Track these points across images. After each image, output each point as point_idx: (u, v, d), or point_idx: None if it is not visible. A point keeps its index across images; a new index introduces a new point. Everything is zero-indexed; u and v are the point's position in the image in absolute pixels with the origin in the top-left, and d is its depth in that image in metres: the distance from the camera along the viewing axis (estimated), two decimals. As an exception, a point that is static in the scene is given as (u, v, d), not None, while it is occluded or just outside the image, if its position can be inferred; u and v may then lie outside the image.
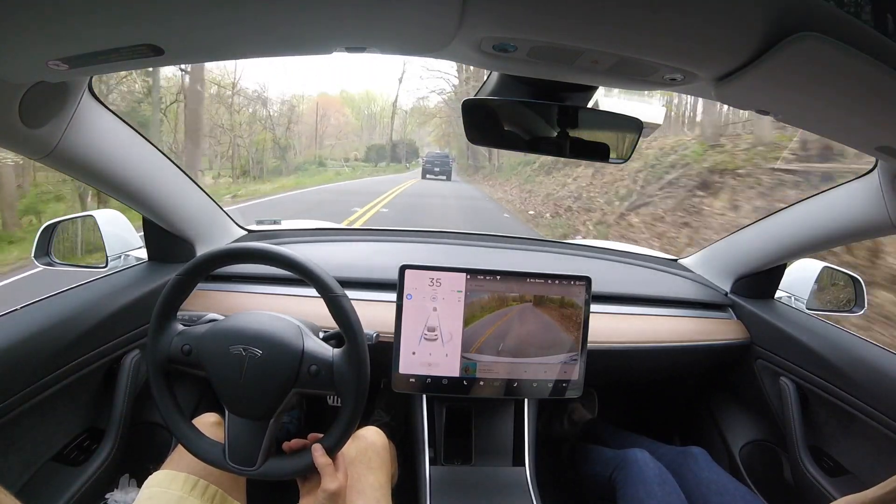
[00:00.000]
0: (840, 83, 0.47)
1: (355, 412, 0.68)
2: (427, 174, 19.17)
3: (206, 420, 0.81)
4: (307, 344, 0.69)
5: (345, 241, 1.38)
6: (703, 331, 1.16)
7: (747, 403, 1.22)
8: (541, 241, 1.58)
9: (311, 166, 24.68)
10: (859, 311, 1.17)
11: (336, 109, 35.10)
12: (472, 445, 1.01)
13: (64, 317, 0.79)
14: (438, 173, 19.06)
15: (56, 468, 0.80)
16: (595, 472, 1.06)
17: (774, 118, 0.60)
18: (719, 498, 0.92)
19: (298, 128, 26.88)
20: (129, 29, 0.43)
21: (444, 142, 33.62)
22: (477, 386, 0.93)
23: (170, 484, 0.69)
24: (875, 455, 0.91)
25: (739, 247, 1.21)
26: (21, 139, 0.63)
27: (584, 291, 0.94)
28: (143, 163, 0.86)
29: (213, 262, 0.72)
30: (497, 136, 0.79)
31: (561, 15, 0.42)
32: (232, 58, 0.55)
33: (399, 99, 40.13)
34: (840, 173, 4.21)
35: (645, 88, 0.60)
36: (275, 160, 20.89)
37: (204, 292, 1.05)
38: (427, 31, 0.48)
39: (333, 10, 0.42)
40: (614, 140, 0.78)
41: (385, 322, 0.93)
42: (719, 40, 0.44)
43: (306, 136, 28.66)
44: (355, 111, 38.58)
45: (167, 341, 0.69)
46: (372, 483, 0.78)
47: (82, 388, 0.85)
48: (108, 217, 1.04)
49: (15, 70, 0.52)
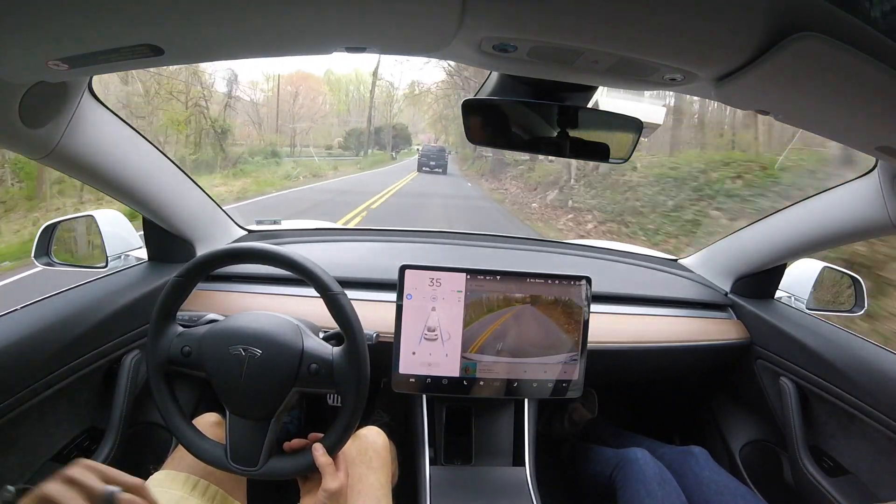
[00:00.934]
0: (840, 83, 0.47)
1: (356, 411, 0.68)
2: (423, 167, 19.01)
3: (206, 420, 0.81)
4: (307, 343, 0.69)
5: (345, 241, 1.38)
6: (703, 331, 1.16)
7: (747, 403, 1.22)
8: (541, 241, 1.58)
9: (259, 159, 17.13)
10: (859, 311, 1.17)
11: (312, 87, 28.97)
12: (472, 445, 1.01)
13: (64, 317, 0.79)
14: (434, 167, 18.92)
15: (56, 468, 0.80)
16: (595, 471, 1.06)
17: (774, 118, 0.60)
18: (720, 498, 0.92)
19: (265, 110, 23.22)
20: (129, 29, 0.43)
21: (440, 126, 29.97)
22: (477, 386, 0.93)
23: (171, 484, 0.69)
24: (875, 455, 0.91)
25: (739, 247, 1.21)
26: (21, 139, 0.63)
27: (584, 291, 0.94)
28: (143, 163, 0.86)
29: (212, 263, 0.72)
30: (497, 136, 0.79)
31: (561, 15, 0.42)
32: (232, 58, 0.55)
33: (388, 73, 32.43)
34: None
35: (645, 88, 0.60)
36: (213, 150, 15.12)
37: (204, 292, 1.05)
38: (427, 31, 0.48)
39: (333, 10, 0.42)
40: (614, 140, 0.78)
41: (385, 322, 0.93)
42: (719, 40, 0.44)
43: (271, 120, 23.75)
44: (334, 90, 31.61)
45: (167, 343, 0.69)
46: (373, 483, 0.78)
47: (82, 388, 0.85)
48: (108, 217, 1.04)
49: (15, 70, 0.52)
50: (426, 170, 18.79)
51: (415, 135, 34.63)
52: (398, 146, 31.84)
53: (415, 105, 32.67)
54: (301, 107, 26.88)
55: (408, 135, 33.63)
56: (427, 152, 19.98)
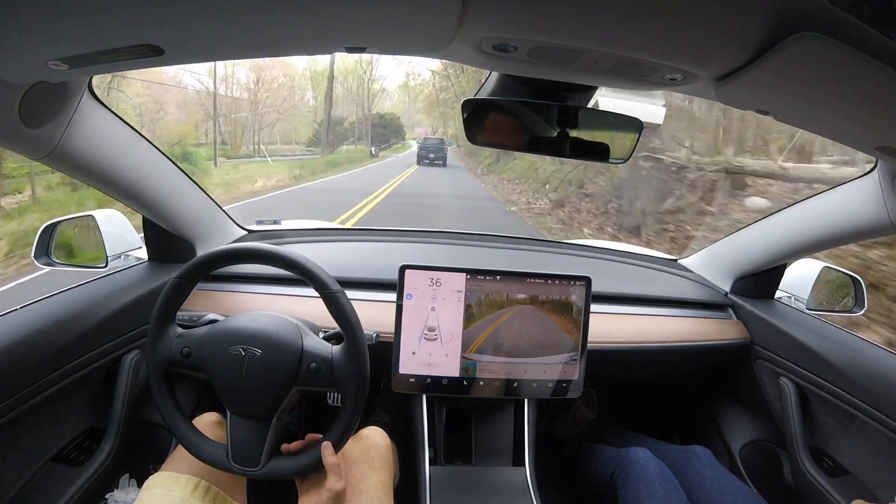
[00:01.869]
0: (840, 83, 0.47)
1: (357, 408, 0.68)
2: (423, 160, 18.83)
3: (205, 420, 0.81)
4: (306, 341, 0.69)
5: (345, 241, 1.38)
6: (703, 331, 1.16)
7: (747, 403, 1.22)
8: (541, 241, 1.58)
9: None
10: (859, 311, 1.17)
11: (283, 71, 23.06)
12: (472, 445, 1.01)
13: (64, 317, 0.79)
14: (434, 159, 18.79)
15: (56, 468, 0.80)
16: (597, 470, 1.06)
17: (774, 118, 0.60)
18: (721, 497, 0.92)
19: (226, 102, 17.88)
20: (129, 29, 0.43)
21: (436, 114, 26.35)
22: (477, 386, 0.93)
23: (172, 485, 0.69)
24: (875, 455, 0.91)
25: (739, 247, 1.21)
26: (21, 139, 0.63)
27: (584, 291, 0.94)
28: (143, 163, 0.86)
29: (210, 264, 0.72)
30: (497, 136, 0.79)
31: (561, 15, 0.42)
32: (232, 58, 0.55)
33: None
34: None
35: (645, 88, 0.60)
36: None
37: (204, 292, 1.05)
38: (427, 31, 0.48)
39: (333, 10, 0.42)
40: (614, 140, 0.78)
41: (385, 322, 0.93)
42: (719, 40, 0.44)
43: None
44: (315, 78, 24.99)
45: (167, 345, 0.69)
46: (374, 483, 0.78)
47: (82, 388, 0.85)
48: (108, 217, 1.04)
49: (15, 70, 0.52)
50: (426, 162, 18.65)
51: (410, 128, 31.02)
52: (385, 140, 26.73)
53: (407, 93, 28.72)
54: (267, 95, 21.83)
55: (399, 126, 28.83)
56: (427, 145, 19.90)
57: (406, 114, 30.75)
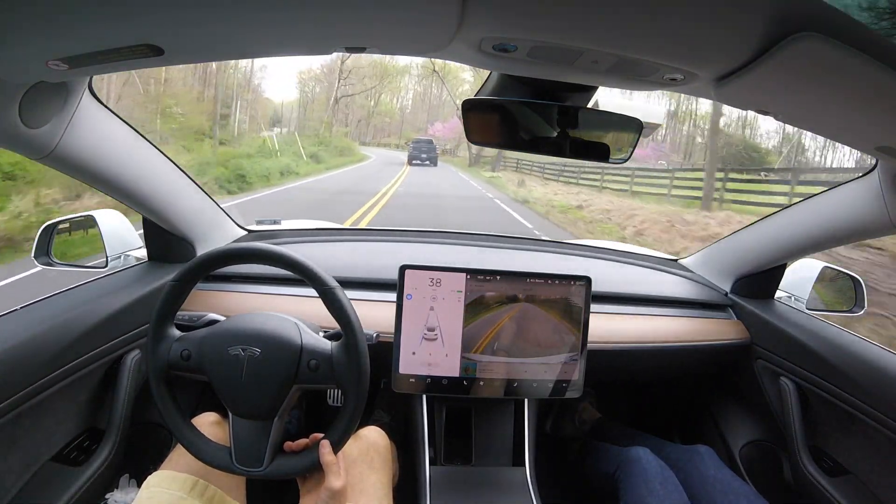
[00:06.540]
0: (840, 83, 0.47)
1: (357, 405, 0.68)
2: (413, 160, 19.15)
3: (205, 419, 0.81)
4: (305, 339, 0.69)
5: (345, 241, 1.38)
6: (703, 331, 1.16)
7: (747, 403, 1.22)
8: (541, 241, 1.58)
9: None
10: (859, 311, 1.16)
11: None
12: (472, 445, 1.01)
13: (64, 317, 0.79)
14: (425, 160, 19.22)
15: (56, 468, 0.80)
16: (599, 469, 1.06)
17: (774, 118, 0.60)
18: (724, 497, 0.92)
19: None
20: (129, 29, 0.43)
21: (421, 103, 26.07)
22: (477, 386, 0.93)
23: (170, 484, 0.69)
24: (875, 455, 0.91)
25: (739, 247, 1.21)
26: (21, 139, 0.63)
27: (584, 291, 0.94)
28: (142, 163, 0.86)
29: (208, 265, 0.72)
30: (497, 136, 0.79)
31: (561, 15, 0.42)
32: (232, 57, 0.55)
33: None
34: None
35: (645, 88, 0.60)
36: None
37: (203, 292, 1.05)
38: (427, 31, 0.48)
39: (333, 10, 0.42)
40: (614, 140, 0.78)
41: (385, 322, 0.93)
42: (719, 40, 0.44)
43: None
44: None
45: (166, 348, 0.69)
46: (374, 483, 0.78)
47: (82, 388, 0.85)
48: (108, 217, 1.04)
49: (15, 70, 0.52)
50: (417, 163, 18.96)
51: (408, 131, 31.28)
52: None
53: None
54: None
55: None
56: (417, 145, 20.43)
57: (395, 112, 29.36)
